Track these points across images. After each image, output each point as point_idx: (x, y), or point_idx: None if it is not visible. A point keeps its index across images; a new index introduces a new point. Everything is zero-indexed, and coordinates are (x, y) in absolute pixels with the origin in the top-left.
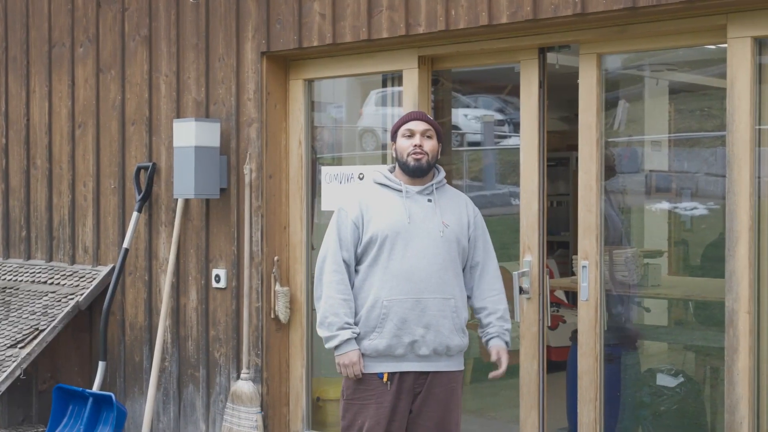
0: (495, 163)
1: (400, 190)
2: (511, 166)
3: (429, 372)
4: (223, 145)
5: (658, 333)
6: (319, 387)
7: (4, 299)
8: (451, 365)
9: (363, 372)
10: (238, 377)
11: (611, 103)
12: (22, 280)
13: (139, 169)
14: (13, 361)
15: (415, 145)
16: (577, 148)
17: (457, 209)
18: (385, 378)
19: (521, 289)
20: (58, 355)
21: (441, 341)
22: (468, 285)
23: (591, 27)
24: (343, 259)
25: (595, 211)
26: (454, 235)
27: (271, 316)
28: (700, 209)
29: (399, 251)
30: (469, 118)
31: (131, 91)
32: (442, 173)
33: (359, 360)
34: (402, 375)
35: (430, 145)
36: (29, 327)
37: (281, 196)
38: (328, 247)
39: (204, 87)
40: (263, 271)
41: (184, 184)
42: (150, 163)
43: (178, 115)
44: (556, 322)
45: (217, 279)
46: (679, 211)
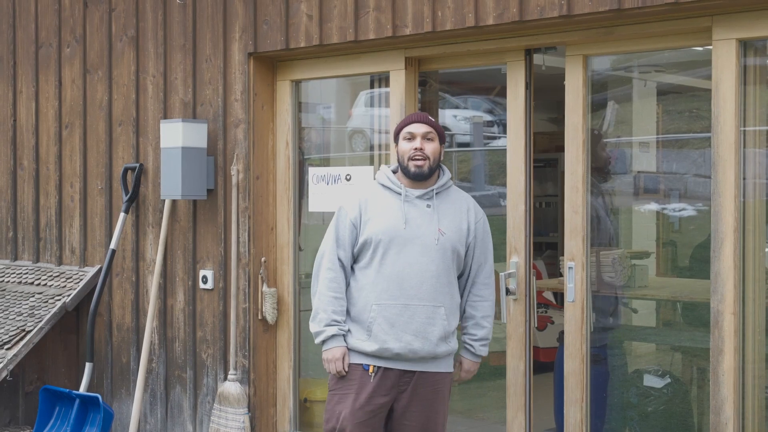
0: (484, 164)
1: (399, 194)
2: (500, 167)
3: (415, 372)
4: (210, 146)
5: (646, 334)
6: (307, 388)
7: None
8: (439, 366)
9: (349, 363)
10: (226, 378)
11: (600, 105)
12: (8, 281)
13: (126, 170)
14: (0, 362)
15: (415, 149)
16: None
17: (457, 215)
18: (370, 369)
19: (508, 290)
20: (45, 357)
21: (429, 349)
22: (460, 289)
23: (577, 29)
24: (339, 258)
25: (582, 213)
26: (450, 243)
27: (259, 317)
28: (689, 210)
29: (392, 256)
30: (458, 119)
31: (118, 91)
32: (447, 175)
33: (343, 357)
34: (386, 370)
35: (431, 148)
36: (16, 328)
37: (268, 197)
38: (326, 245)
39: (191, 88)
40: (250, 272)
41: (171, 184)
42: (137, 164)
43: (166, 116)
44: (545, 323)
45: (205, 280)
46: (668, 213)
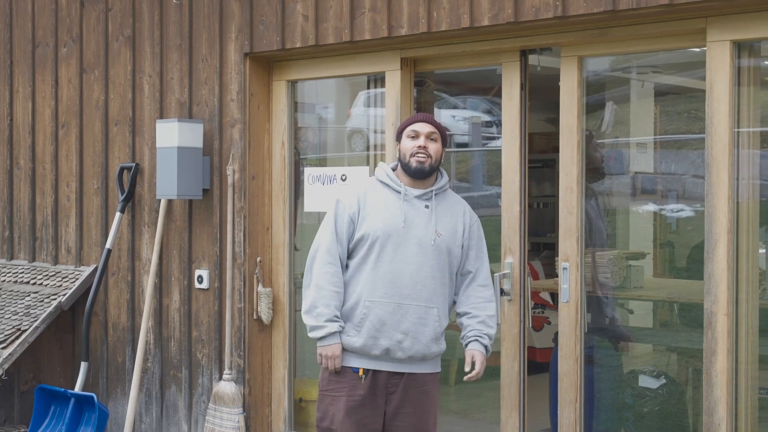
0: (482, 165)
1: (399, 192)
2: (498, 168)
3: (404, 373)
4: (206, 146)
5: (642, 335)
6: (302, 388)
7: None
8: (427, 367)
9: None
10: (221, 378)
11: (597, 105)
12: (4, 280)
13: (122, 170)
14: None
15: (419, 147)
16: None
17: (453, 218)
18: (360, 372)
19: (502, 291)
20: (41, 356)
21: (418, 349)
22: (456, 292)
23: (572, 30)
24: (337, 252)
25: (576, 213)
26: (446, 245)
27: (254, 317)
28: (687, 211)
29: (388, 254)
30: (456, 119)
31: (114, 91)
32: (445, 178)
33: (341, 354)
34: (376, 372)
35: (434, 147)
36: (11, 327)
37: (264, 197)
38: (324, 237)
39: (187, 88)
40: (246, 271)
41: (167, 184)
42: (133, 164)
43: (162, 116)
44: (541, 323)
45: (200, 280)
46: (665, 213)
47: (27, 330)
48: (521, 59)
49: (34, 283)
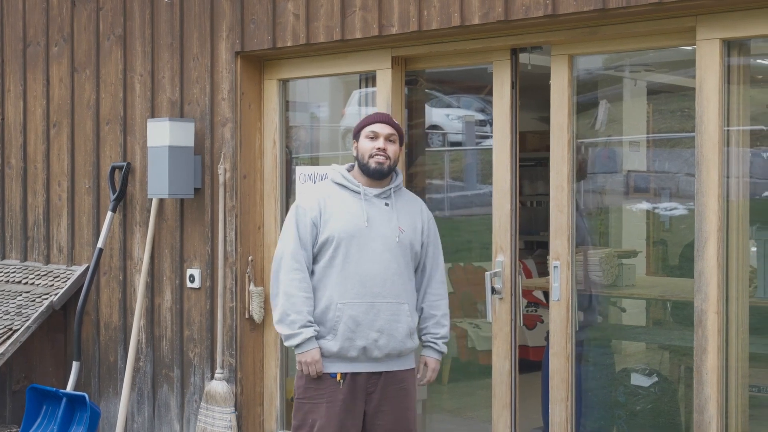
0: (476, 163)
1: (358, 192)
2: (491, 167)
3: (381, 372)
4: (197, 145)
5: (635, 333)
6: (293, 387)
7: None
8: (403, 364)
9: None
10: (212, 377)
11: (590, 104)
12: None
13: (113, 169)
14: None
15: (378, 149)
16: None
17: (412, 214)
18: (338, 377)
19: (493, 290)
20: (32, 355)
21: (394, 346)
22: (417, 288)
23: (562, 28)
24: (302, 257)
25: (567, 212)
26: (409, 241)
27: (245, 316)
28: (680, 209)
29: (355, 254)
30: (450, 118)
31: (106, 90)
32: (400, 177)
33: (321, 358)
34: (354, 375)
35: (393, 149)
36: (3, 327)
37: (255, 196)
38: (287, 244)
39: (178, 87)
40: (237, 271)
41: (159, 183)
42: (124, 163)
43: (153, 115)
44: (534, 322)
45: (192, 279)
46: (659, 212)
47: (19, 330)
48: (512, 58)
49: (26, 283)
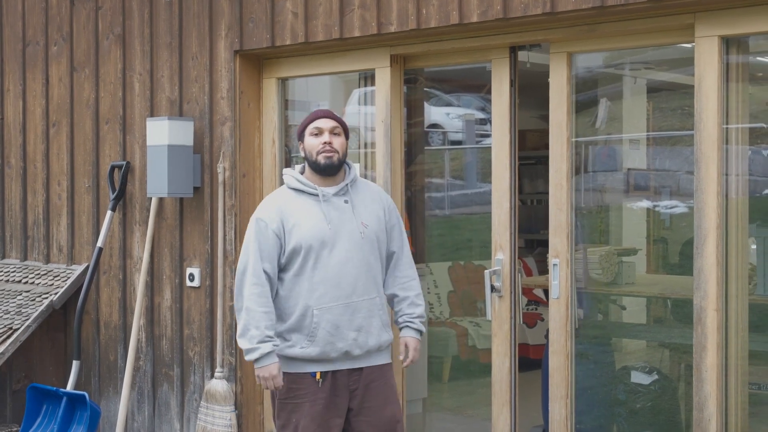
0: (476, 162)
1: (316, 195)
2: (491, 165)
3: (362, 368)
4: (196, 144)
5: (635, 331)
6: None
7: None
8: (382, 358)
9: (295, 372)
10: (212, 376)
11: (590, 102)
12: None
13: (113, 168)
14: None
15: (324, 143)
16: None
17: (372, 205)
18: (318, 376)
19: (493, 288)
20: (33, 355)
21: (372, 341)
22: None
23: (561, 26)
24: (264, 271)
25: (566, 210)
26: (374, 233)
27: None
28: (680, 207)
29: (324, 259)
30: (450, 117)
31: (105, 89)
32: (353, 169)
33: (279, 373)
34: (335, 372)
35: (339, 141)
36: (3, 326)
37: (255, 194)
38: (248, 258)
39: (177, 86)
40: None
41: (158, 183)
42: (124, 162)
43: (152, 114)
44: (535, 320)
45: (191, 278)
46: (659, 210)
47: (19, 329)
48: (510, 56)
49: (26, 282)
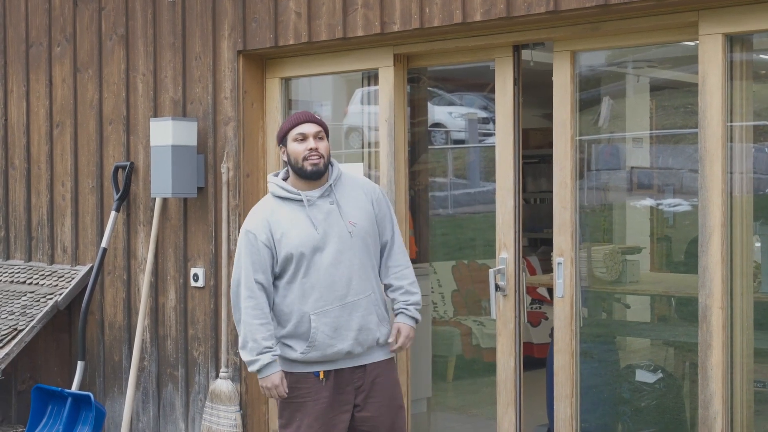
0: (479, 161)
1: (301, 200)
2: (494, 164)
3: (365, 365)
4: (200, 144)
5: (639, 329)
6: None
7: None
8: (384, 354)
9: (298, 372)
10: (217, 376)
11: (593, 101)
12: (0, 280)
13: (116, 169)
14: None
15: (310, 149)
16: None
17: (358, 200)
18: (321, 375)
19: (497, 287)
20: (37, 355)
21: (372, 337)
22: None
23: (564, 24)
24: (258, 282)
25: (570, 208)
26: (364, 230)
27: None
28: (684, 205)
29: (316, 263)
30: (453, 116)
31: (108, 90)
32: (337, 167)
33: (282, 382)
34: (338, 371)
35: (323, 146)
36: (8, 327)
37: (259, 194)
38: (240, 272)
39: (181, 86)
40: None
41: (162, 183)
42: (128, 163)
43: (156, 114)
44: (539, 319)
45: (196, 278)
46: (662, 208)
47: (24, 330)
48: (514, 54)
49: (31, 283)
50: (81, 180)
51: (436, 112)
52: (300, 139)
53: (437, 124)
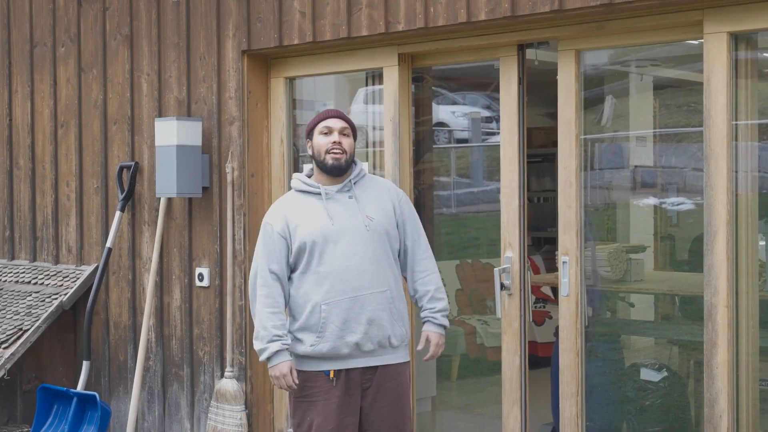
0: (482, 160)
1: (320, 193)
2: (498, 163)
3: (377, 366)
4: (204, 144)
5: (644, 328)
6: None
7: None
8: (397, 357)
9: (309, 370)
10: (222, 375)
11: (597, 99)
12: (5, 280)
13: (121, 169)
14: None
15: (333, 143)
16: None
17: (379, 198)
18: (331, 375)
19: (502, 285)
20: (43, 355)
21: (383, 334)
22: (402, 270)
23: (569, 23)
24: (273, 272)
25: (575, 207)
26: (381, 227)
27: None
28: (687, 204)
29: (329, 254)
30: (456, 115)
31: (113, 90)
32: (360, 165)
33: (290, 371)
34: (348, 371)
35: (348, 143)
36: (13, 327)
37: (263, 194)
38: (257, 262)
39: (185, 86)
40: (246, 269)
41: (167, 183)
42: (132, 163)
43: (160, 114)
44: (543, 318)
45: (201, 277)
46: (666, 207)
47: (29, 330)
48: (518, 53)
49: (36, 283)
50: (86, 180)
51: (439, 112)
52: (325, 133)
53: (440, 123)
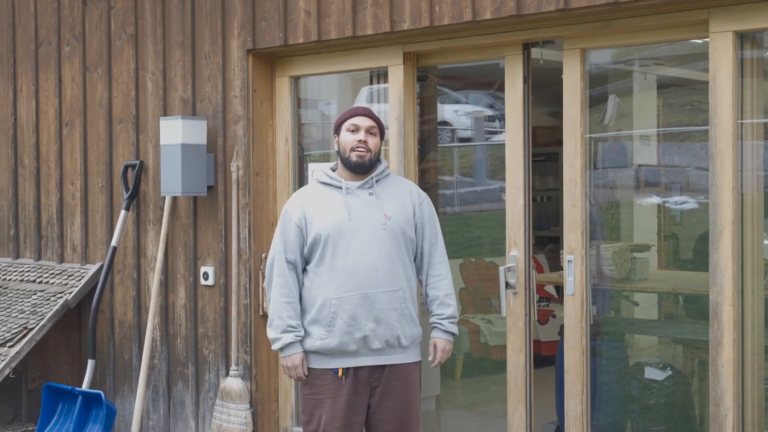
0: (485, 159)
1: (341, 188)
2: (501, 162)
3: (385, 365)
4: (209, 143)
5: (648, 327)
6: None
7: None
8: (407, 357)
9: (318, 368)
10: (227, 374)
11: (600, 98)
12: (10, 279)
13: (126, 168)
14: (2, 360)
15: (359, 141)
16: None
17: (400, 199)
18: (340, 373)
19: (507, 284)
20: (48, 354)
21: (392, 333)
22: (417, 273)
23: (574, 22)
24: (289, 261)
25: (580, 206)
26: (398, 226)
27: (260, 313)
28: (691, 203)
29: (343, 248)
30: (459, 114)
31: (118, 89)
32: (384, 164)
33: (302, 363)
34: (357, 369)
35: (373, 142)
36: (18, 326)
37: (268, 193)
38: (275, 249)
39: (190, 85)
40: (251, 268)
41: (172, 182)
42: (137, 161)
43: (165, 113)
44: (546, 316)
45: (206, 276)
46: (669, 206)
47: (34, 328)
48: (524, 52)
49: (41, 282)
50: (90, 179)
51: (442, 111)
52: (352, 130)
53: (443, 123)
